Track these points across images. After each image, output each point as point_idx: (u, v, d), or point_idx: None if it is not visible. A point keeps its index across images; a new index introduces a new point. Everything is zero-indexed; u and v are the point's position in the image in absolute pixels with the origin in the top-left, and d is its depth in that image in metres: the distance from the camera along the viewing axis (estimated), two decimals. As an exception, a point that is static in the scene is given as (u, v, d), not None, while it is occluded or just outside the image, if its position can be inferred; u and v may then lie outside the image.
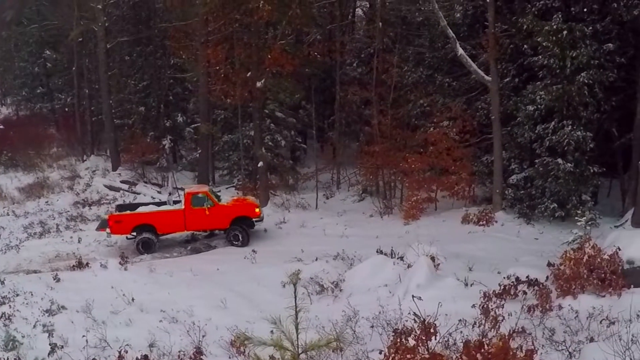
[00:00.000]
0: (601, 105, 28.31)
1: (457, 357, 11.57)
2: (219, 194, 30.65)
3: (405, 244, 23.38)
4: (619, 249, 17.66)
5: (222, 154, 41.37)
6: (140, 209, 29.20)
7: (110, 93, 43.92)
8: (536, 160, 28.44)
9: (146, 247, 27.77)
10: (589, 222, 21.24)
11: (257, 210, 28.80)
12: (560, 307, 16.32)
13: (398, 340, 12.25)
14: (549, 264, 18.63)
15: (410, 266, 20.77)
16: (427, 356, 11.39)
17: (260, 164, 34.99)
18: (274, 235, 29.35)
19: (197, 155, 40.95)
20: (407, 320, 13.79)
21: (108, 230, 28.00)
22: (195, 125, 42.25)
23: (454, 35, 30.00)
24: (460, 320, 14.61)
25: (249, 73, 34.03)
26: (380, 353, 12.62)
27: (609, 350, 11.66)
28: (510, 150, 30.90)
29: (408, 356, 11.69)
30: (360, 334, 15.72)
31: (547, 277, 17.87)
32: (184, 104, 46.58)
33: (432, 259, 20.96)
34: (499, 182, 30.41)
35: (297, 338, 7.41)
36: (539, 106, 28.08)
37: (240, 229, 28.15)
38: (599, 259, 17.57)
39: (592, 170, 27.74)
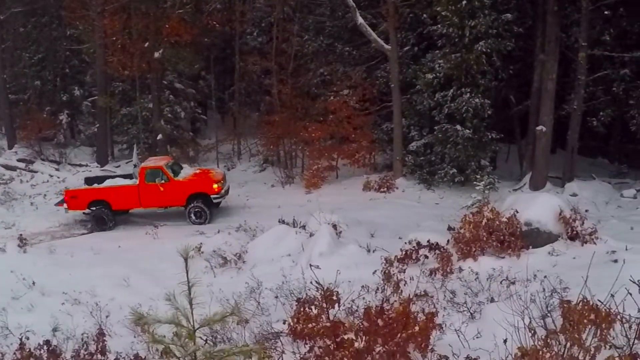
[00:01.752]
0: (499, 74, 28.97)
1: (359, 323, 11.52)
2: (183, 166, 28.96)
3: (307, 213, 23.34)
4: (517, 212, 17.95)
5: (121, 127, 40.27)
6: (108, 182, 27.93)
7: (4, 67, 42.20)
8: (435, 127, 28.82)
9: (101, 224, 26.74)
10: (488, 187, 21.54)
11: (215, 186, 26.71)
12: (460, 269, 16.47)
13: (301, 309, 12.16)
14: (450, 228, 18.84)
15: (312, 235, 20.71)
16: (329, 324, 11.31)
17: (160, 136, 34.36)
18: (175, 209, 28.84)
19: (96, 130, 40.01)
20: (310, 289, 13.69)
21: (65, 206, 27.12)
22: (93, 98, 41.04)
23: (354, 4, 29.85)
24: (363, 287, 14.55)
25: (147, 43, 33.22)
26: (284, 323, 12.49)
27: (509, 310, 11.78)
28: (410, 118, 31.13)
29: (311, 325, 11.61)
30: (264, 304, 15.56)
31: (448, 241, 17.99)
32: (81, 77, 44.83)
33: (334, 226, 21.03)
34: (399, 149, 30.66)
35: (192, 314, 7.18)
36: (438, 74, 28.45)
37: (201, 205, 26.46)
38: (497, 222, 17.83)
39: (490, 136, 28.38)
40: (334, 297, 12.05)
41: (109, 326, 15.12)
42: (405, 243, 17.87)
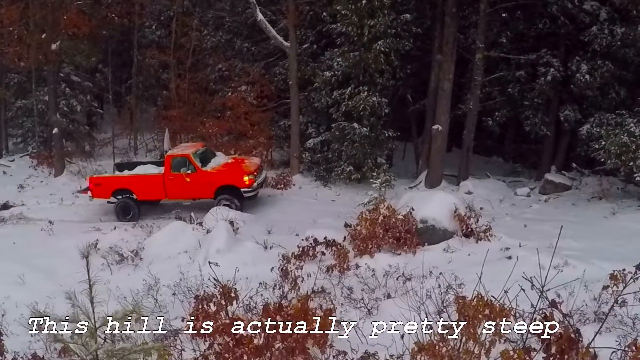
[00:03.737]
0: (397, 73, 29.26)
1: (258, 319, 11.47)
2: (217, 154, 27.32)
3: (204, 209, 23.14)
4: (413, 209, 18.19)
5: (16, 120, 39.20)
6: (138, 169, 26.66)
7: None
8: (333, 125, 28.97)
9: (125, 213, 25.43)
10: (384, 184, 21.70)
11: (246, 178, 24.81)
12: (357, 266, 16.54)
13: (199, 306, 12.05)
14: (346, 225, 18.89)
15: (209, 231, 20.52)
16: (227, 321, 11.24)
17: (55, 130, 33.41)
18: (71, 205, 28.13)
19: (-11, 123, 38.74)
20: (208, 286, 13.57)
21: (89, 193, 26.03)
22: (-13, 90, 39.83)
23: (254, 0, 29.83)
24: (260, 283, 14.47)
25: (44, 35, 32.25)
26: (182, 320, 12.34)
27: (405, 305, 11.91)
28: (308, 115, 31.36)
29: (209, 322, 11.51)
30: (162, 302, 15.29)
31: (345, 238, 18.08)
32: (-25, 69, 43.57)
33: (231, 223, 20.93)
34: (296, 146, 30.84)
35: (94, 312, 7.00)
36: (336, 72, 28.71)
37: (231, 199, 24.64)
38: (394, 219, 18.02)
39: (387, 134, 28.77)
40: (232, 294, 12.00)
41: (5, 325, 14.61)
42: (302, 240, 17.84)
